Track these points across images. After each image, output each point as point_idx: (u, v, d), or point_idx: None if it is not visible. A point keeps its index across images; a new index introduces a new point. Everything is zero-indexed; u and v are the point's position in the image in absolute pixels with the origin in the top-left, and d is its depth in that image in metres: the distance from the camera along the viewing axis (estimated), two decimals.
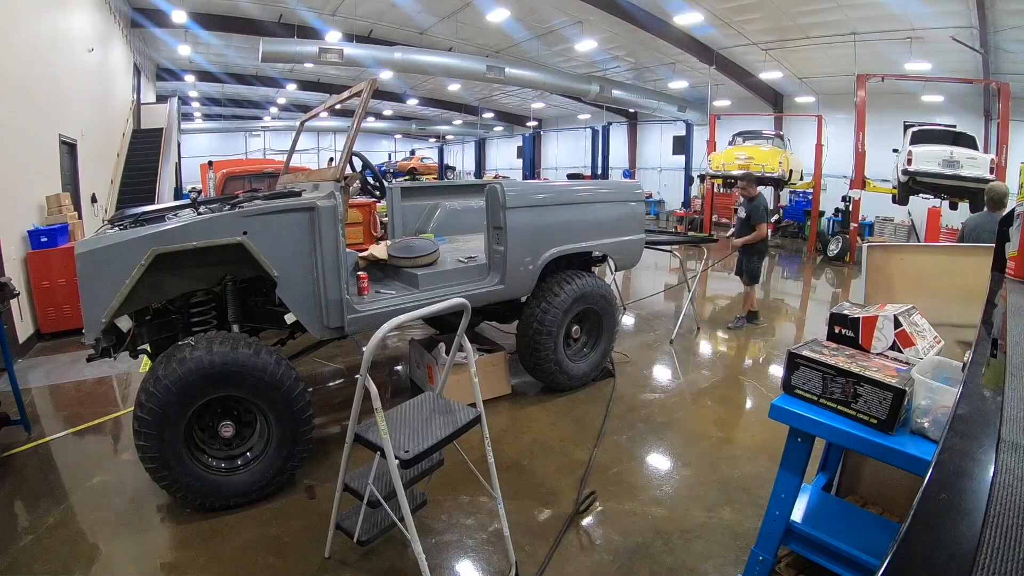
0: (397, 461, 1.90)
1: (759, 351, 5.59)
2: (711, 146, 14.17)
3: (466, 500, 2.84)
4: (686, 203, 18.73)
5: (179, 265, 2.76)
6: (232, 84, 19.91)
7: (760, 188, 5.96)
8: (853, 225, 11.10)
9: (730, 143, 13.49)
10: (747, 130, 14.08)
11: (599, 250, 4.34)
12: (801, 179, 13.14)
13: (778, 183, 11.95)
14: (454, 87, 20.66)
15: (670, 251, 6.65)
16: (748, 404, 4.22)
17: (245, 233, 2.74)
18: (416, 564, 1.96)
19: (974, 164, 9.31)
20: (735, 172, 11.66)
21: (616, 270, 4.75)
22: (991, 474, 0.66)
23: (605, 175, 20.98)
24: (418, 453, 1.97)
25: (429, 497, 2.69)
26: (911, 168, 9.51)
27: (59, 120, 6.95)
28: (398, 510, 1.97)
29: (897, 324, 1.80)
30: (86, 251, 2.56)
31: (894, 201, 10.99)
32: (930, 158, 9.43)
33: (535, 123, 26.49)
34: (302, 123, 4.44)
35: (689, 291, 6.19)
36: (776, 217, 15.91)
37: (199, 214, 2.80)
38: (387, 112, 26.52)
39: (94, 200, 8.19)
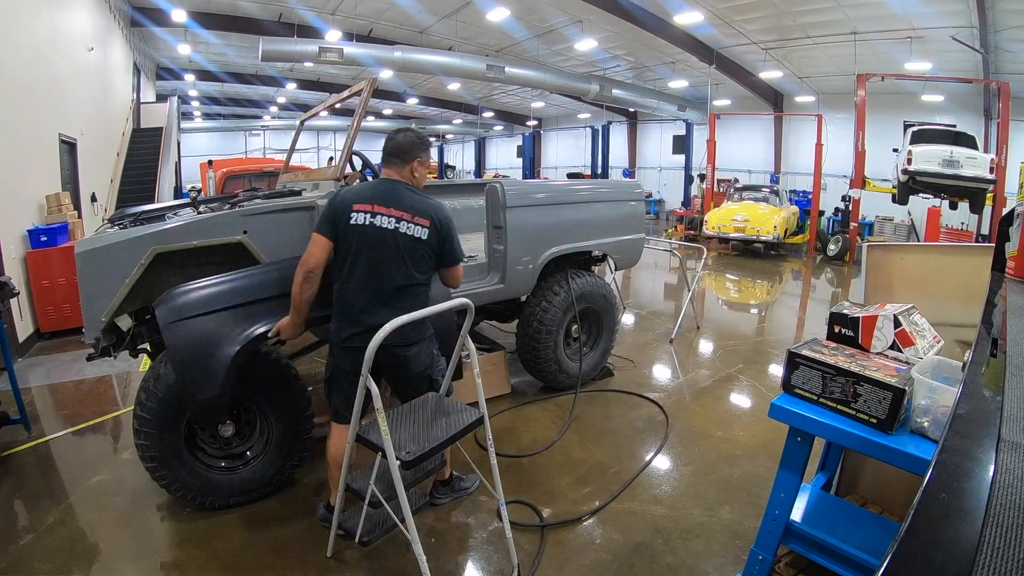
0: (398, 462, 1.89)
1: (759, 351, 5.59)
2: (711, 145, 14.20)
3: (467, 500, 2.84)
4: (686, 202, 18.74)
5: (179, 264, 2.75)
6: (232, 83, 19.89)
7: None
8: (853, 225, 11.11)
9: (728, 197, 13.57)
10: (746, 185, 14.46)
11: (599, 249, 4.33)
12: (797, 232, 13.14)
13: (772, 245, 11.99)
14: (454, 86, 20.65)
15: (670, 250, 6.65)
16: (748, 403, 4.22)
17: (245, 232, 2.74)
18: (417, 564, 1.96)
19: (974, 164, 9.32)
20: (732, 235, 11.78)
21: (616, 269, 4.75)
22: (991, 474, 0.66)
23: (605, 174, 20.99)
24: (420, 454, 1.95)
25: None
26: (911, 168, 9.52)
27: (59, 119, 6.94)
28: (399, 511, 1.96)
29: (897, 323, 1.80)
30: (86, 250, 2.56)
31: (894, 201, 10.99)
32: (930, 158, 9.44)
33: (535, 122, 26.49)
34: (302, 122, 4.44)
35: (689, 290, 6.17)
36: None
37: (199, 213, 2.80)
38: (387, 111, 26.50)
39: (94, 199, 8.19)
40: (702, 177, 16.30)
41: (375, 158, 2.89)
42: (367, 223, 2.23)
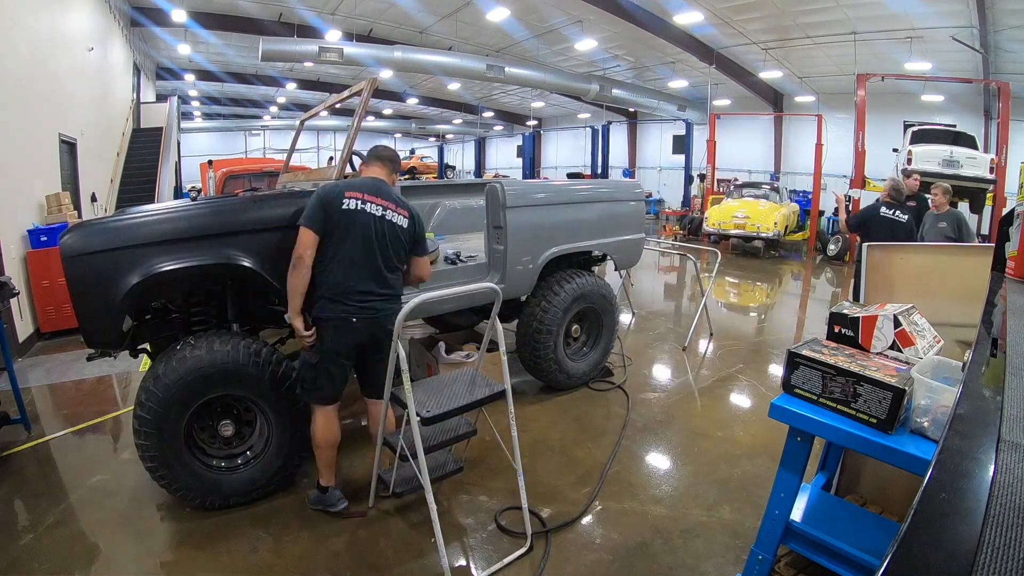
0: (418, 419, 2.18)
1: (759, 351, 5.58)
2: (711, 145, 14.20)
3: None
4: (686, 202, 18.74)
5: None
6: (232, 83, 19.90)
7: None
8: None
9: (728, 195, 13.60)
10: (746, 183, 14.52)
11: (599, 249, 4.34)
12: (797, 230, 13.22)
13: (771, 243, 12.04)
14: (454, 86, 20.64)
15: (684, 255, 6.51)
16: (748, 403, 4.22)
17: None
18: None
19: (974, 164, 9.32)
20: (732, 232, 11.77)
21: (616, 269, 4.75)
22: (991, 474, 0.66)
23: (605, 174, 20.97)
24: (437, 414, 2.26)
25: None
26: (911, 167, 9.51)
27: (59, 119, 6.94)
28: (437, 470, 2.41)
29: (897, 323, 1.80)
30: None
31: None
32: (930, 158, 9.45)
33: (535, 122, 26.47)
34: (302, 122, 4.44)
35: (703, 295, 5.97)
36: None
37: None
38: (387, 111, 26.49)
39: (94, 199, 8.18)
40: (702, 177, 16.31)
41: None
42: (358, 208, 2.48)
